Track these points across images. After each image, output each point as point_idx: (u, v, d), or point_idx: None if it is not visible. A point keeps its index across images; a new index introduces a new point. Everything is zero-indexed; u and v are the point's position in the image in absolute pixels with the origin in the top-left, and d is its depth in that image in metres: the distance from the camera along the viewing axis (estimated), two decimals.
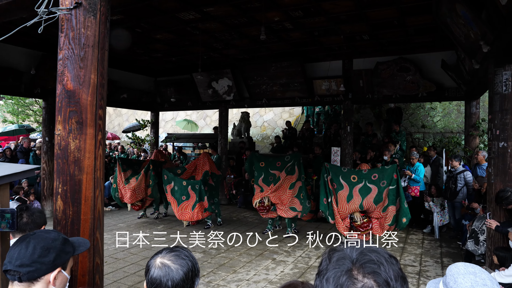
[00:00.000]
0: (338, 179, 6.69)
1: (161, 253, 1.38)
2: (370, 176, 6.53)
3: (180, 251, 1.38)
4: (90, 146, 2.46)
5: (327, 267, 0.94)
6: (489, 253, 4.90)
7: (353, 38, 8.31)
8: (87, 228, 2.44)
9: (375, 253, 0.93)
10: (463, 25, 5.26)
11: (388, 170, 6.52)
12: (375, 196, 6.45)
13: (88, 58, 2.44)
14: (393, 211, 6.44)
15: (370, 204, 6.47)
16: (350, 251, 0.95)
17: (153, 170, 8.77)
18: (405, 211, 6.35)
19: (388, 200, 6.45)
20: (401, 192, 6.39)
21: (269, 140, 16.57)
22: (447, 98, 9.15)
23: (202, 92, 11.55)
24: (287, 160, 7.54)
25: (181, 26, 7.64)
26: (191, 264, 1.36)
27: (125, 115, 22.68)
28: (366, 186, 6.50)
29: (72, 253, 1.51)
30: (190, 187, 7.91)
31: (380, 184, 6.44)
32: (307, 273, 5.59)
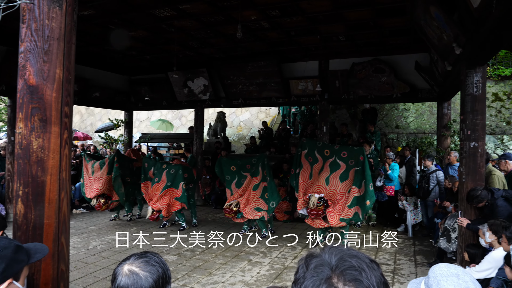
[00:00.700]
0: (314, 153, 6.94)
1: (129, 260, 1.27)
2: (340, 153, 6.71)
3: (149, 256, 1.28)
4: (55, 145, 2.31)
5: (305, 275, 0.87)
6: (460, 250, 5.00)
7: (330, 39, 8.35)
8: (50, 233, 2.28)
9: (356, 258, 0.86)
10: (437, 27, 5.36)
11: (356, 150, 6.68)
12: (341, 172, 6.64)
13: (53, 52, 2.28)
14: (355, 192, 6.51)
15: (336, 179, 6.64)
16: (328, 257, 0.88)
17: (117, 162, 8.48)
18: (370, 194, 6.41)
19: (353, 181, 6.56)
20: (366, 175, 6.43)
21: (245, 140, 16.48)
22: (420, 99, 9.35)
23: (178, 92, 11.35)
24: (254, 162, 7.59)
25: (156, 23, 7.45)
26: (162, 270, 1.26)
27: (98, 115, 22.07)
28: (336, 161, 6.70)
29: (26, 262, 1.37)
30: (166, 171, 7.87)
31: (348, 162, 6.62)
32: (283, 274, 5.54)
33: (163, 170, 7.93)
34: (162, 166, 7.99)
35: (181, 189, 7.81)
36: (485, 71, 5.05)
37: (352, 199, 6.48)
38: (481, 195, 4.54)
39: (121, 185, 8.60)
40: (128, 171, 8.88)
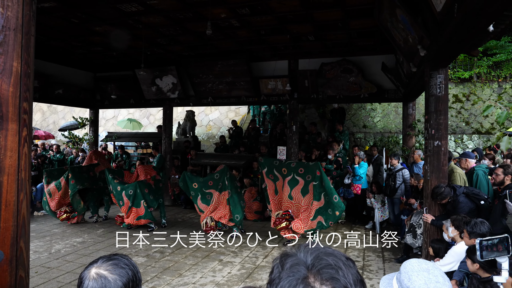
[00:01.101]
0: (273, 171, 7.16)
1: (97, 263, 1.19)
2: (297, 169, 6.91)
3: (119, 259, 1.21)
4: (13, 143, 2.16)
5: (280, 275, 0.84)
6: (425, 246, 5.16)
7: (299, 39, 8.41)
8: (8, 237, 2.13)
9: (332, 256, 0.84)
10: (402, 29, 5.51)
11: (311, 166, 6.85)
12: (301, 187, 6.85)
13: (8, 43, 2.13)
14: (316, 206, 6.71)
15: (298, 195, 6.87)
16: (304, 256, 0.85)
17: (72, 179, 8.21)
18: (336, 204, 6.58)
19: (313, 195, 6.76)
20: (326, 187, 6.61)
21: (214, 140, 16.35)
22: (387, 99, 9.60)
23: (145, 90, 11.08)
24: (216, 178, 7.59)
25: (122, 18, 7.22)
26: (132, 273, 1.19)
27: (61, 113, 21.20)
28: (295, 178, 6.91)
29: None
30: (124, 192, 7.76)
31: (306, 178, 6.81)
32: (254, 273, 5.52)
33: (121, 192, 7.79)
34: (117, 188, 7.82)
35: (142, 207, 7.69)
36: (447, 73, 5.24)
37: (314, 212, 6.69)
38: (445, 192, 4.71)
39: (79, 202, 8.40)
40: (89, 180, 8.58)
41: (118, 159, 11.48)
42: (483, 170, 5.62)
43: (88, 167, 8.87)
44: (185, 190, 7.83)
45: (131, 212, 7.74)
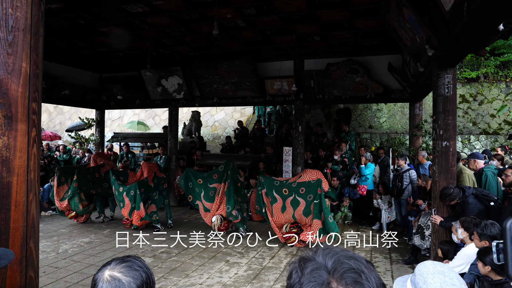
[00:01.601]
0: (272, 193, 6.98)
1: (110, 265, 1.18)
2: (298, 189, 6.81)
3: (132, 261, 1.19)
4: (22, 144, 2.16)
5: (300, 280, 0.81)
6: (434, 247, 5.12)
7: (305, 39, 8.38)
8: (18, 237, 2.13)
9: (353, 259, 0.82)
10: (410, 29, 5.47)
11: (313, 184, 6.76)
12: (303, 208, 6.76)
13: (18, 44, 2.13)
14: (318, 224, 6.70)
15: (300, 216, 6.79)
16: (323, 259, 0.83)
17: (76, 181, 8.21)
18: (331, 226, 6.57)
19: (313, 214, 6.72)
20: (323, 208, 6.63)
21: (220, 140, 16.35)
22: (393, 99, 9.54)
23: (151, 90, 11.10)
24: (221, 170, 7.55)
25: (128, 19, 7.24)
26: (145, 275, 1.18)
27: (68, 113, 21.33)
28: (296, 199, 6.81)
29: None
30: (125, 193, 7.69)
31: (307, 198, 6.73)
32: (261, 274, 5.50)
33: (122, 193, 7.71)
34: (120, 189, 7.74)
35: (142, 209, 7.60)
36: (455, 73, 5.19)
37: (318, 231, 6.65)
38: (453, 193, 4.66)
39: (78, 204, 8.29)
40: (93, 183, 8.57)
41: (124, 159, 11.51)
42: (492, 171, 5.57)
43: (94, 168, 8.90)
44: (185, 189, 7.70)
45: (134, 214, 7.68)
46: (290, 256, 6.40)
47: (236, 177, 7.72)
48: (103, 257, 6.25)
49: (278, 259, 6.21)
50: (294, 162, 9.43)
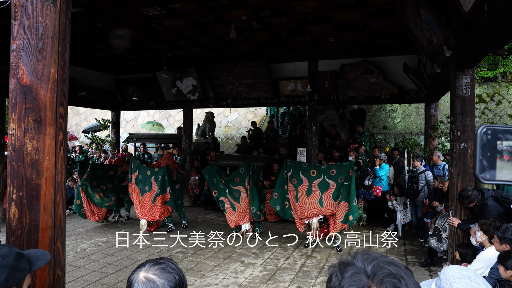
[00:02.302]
0: (298, 175, 6.83)
1: (145, 266, 1.22)
2: (328, 171, 6.67)
3: (166, 263, 1.23)
4: (50, 147, 2.23)
5: (341, 284, 0.84)
6: (451, 250, 5.07)
7: (319, 40, 8.37)
8: (46, 237, 2.21)
9: (393, 265, 0.84)
10: (427, 29, 5.42)
11: (345, 166, 6.63)
12: (333, 191, 6.59)
13: (47, 50, 2.21)
14: (345, 207, 6.56)
15: (329, 200, 6.61)
16: (362, 264, 0.86)
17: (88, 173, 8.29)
18: (353, 209, 6.46)
19: (342, 196, 6.57)
20: (351, 190, 6.48)
21: (233, 141, 16.42)
22: (408, 100, 9.46)
23: (166, 91, 11.23)
24: (242, 173, 7.53)
25: (144, 22, 7.34)
26: (179, 278, 1.21)
27: (83, 114, 21.68)
28: (325, 181, 6.65)
29: (28, 270, 1.31)
30: (153, 177, 7.71)
31: (338, 179, 6.58)
32: (276, 275, 5.53)
33: (150, 177, 7.74)
34: (147, 172, 7.76)
35: (168, 193, 7.69)
36: (473, 74, 5.14)
37: (344, 214, 6.54)
38: (472, 195, 4.61)
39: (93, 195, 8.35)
40: (103, 178, 8.65)
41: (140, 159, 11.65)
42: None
43: (110, 166, 9.04)
44: (210, 183, 7.69)
45: (159, 199, 7.63)
46: (305, 257, 6.40)
47: (257, 177, 7.72)
48: (120, 256, 6.35)
49: (293, 260, 6.23)
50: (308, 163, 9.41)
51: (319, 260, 6.24)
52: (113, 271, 5.66)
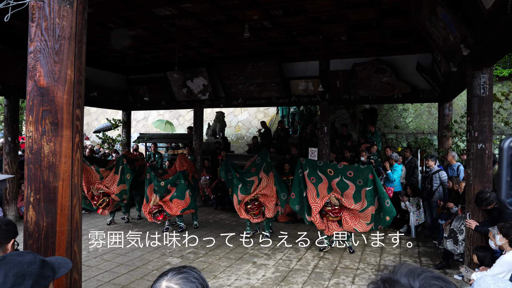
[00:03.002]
0: (316, 173, 6.65)
1: (167, 275, 1.18)
2: (346, 172, 6.52)
3: (188, 272, 1.19)
4: (67, 149, 2.21)
5: None
6: (468, 253, 4.97)
7: (331, 39, 8.29)
8: (63, 240, 2.19)
9: (441, 280, 0.79)
10: (443, 28, 5.32)
11: (363, 170, 6.46)
12: (353, 192, 6.43)
13: (63, 52, 2.19)
14: (372, 211, 6.43)
15: (349, 199, 6.44)
16: (407, 279, 0.80)
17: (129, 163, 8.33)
18: (388, 210, 6.30)
19: (367, 202, 6.39)
20: (379, 191, 6.33)
21: (243, 141, 16.40)
22: (421, 99, 9.32)
23: (177, 91, 11.24)
24: (258, 162, 7.46)
25: (156, 22, 7.34)
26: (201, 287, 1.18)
27: (94, 114, 21.86)
28: (343, 181, 6.50)
29: (52, 278, 1.29)
30: (169, 185, 7.66)
31: (356, 182, 6.43)
32: (289, 276, 5.48)
33: (166, 186, 7.64)
34: (161, 184, 7.64)
35: (188, 197, 7.59)
36: (491, 73, 5.01)
37: (371, 217, 6.39)
38: (490, 197, 4.51)
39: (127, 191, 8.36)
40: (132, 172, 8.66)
41: (151, 159, 11.69)
42: None
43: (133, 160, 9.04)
44: (225, 179, 7.63)
45: (173, 202, 7.55)
46: (318, 258, 6.34)
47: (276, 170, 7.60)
48: (132, 256, 6.37)
49: (306, 262, 6.17)
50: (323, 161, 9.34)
51: (331, 262, 6.17)
52: (126, 271, 5.67)
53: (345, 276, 5.54)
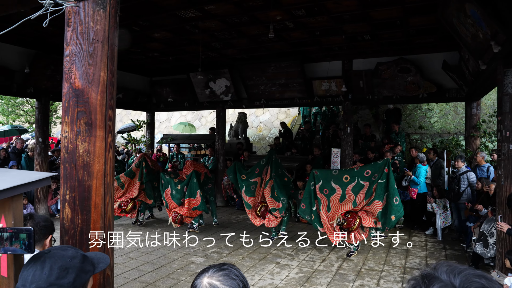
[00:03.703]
0: (329, 184, 6.53)
1: (208, 272, 1.20)
2: (363, 173, 6.39)
3: (229, 269, 1.21)
4: (100, 149, 2.29)
5: None
6: (500, 256, 4.82)
7: (354, 38, 8.21)
8: None
9: (483, 278, 0.77)
10: (472, 25, 5.18)
11: (379, 164, 6.35)
12: (366, 190, 6.32)
13: (97, 54, 2.27)
14: (379, 206, 6.22)
15: (361, 200, 6.34)
16: (448, 276, 0.79)
17: (145, 168, 8.47)
18: (395, 208, 6.08)
19: (375, 194, 6.25)
20: (390, 188, 6.13)
21: (265, 141, 16.42)
22: (448, 99, 9.11)
23: (199, 93, 11.37)
24: (262, 164, 7.42)
25: (180, 24, 7.45)
26: (242, 284, 1.19)
27: (119, 116, 22.35)
28: (359, 183, 6.37)
29: (92, 272, 1.33)
30: (185, 186, 7.72)
31: (372, 178, 6.29)
32: (313, 277, 5.46)
33: (182, 188, 7.71)
34: (177, 186, 7.71)
35: (198, 196, 7.60)
36: None
37: (377, 213, 6.24)
38: None
39: (151, 189, 8.57)
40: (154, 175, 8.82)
41: (173, 159, 11.86)
42: None
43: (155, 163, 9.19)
44: (234, 182, 7.66)
45: (186, 202, 7.62)
46: (341, 259, 6.29)
47: (282, 172, 7.52)
48: (157, 255, 6.48)
49: (329, 263, 6.13)
50: (343, 164, 9.26)
51: (355, 263, 6.11)
52: (151, 269, 5.78)
53: (370, 278, 5.47)
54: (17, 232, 1.35)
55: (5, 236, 1.36)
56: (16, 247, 1.35)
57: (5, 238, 1.36)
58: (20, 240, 1.35)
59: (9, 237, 1.36)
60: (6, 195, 1.41)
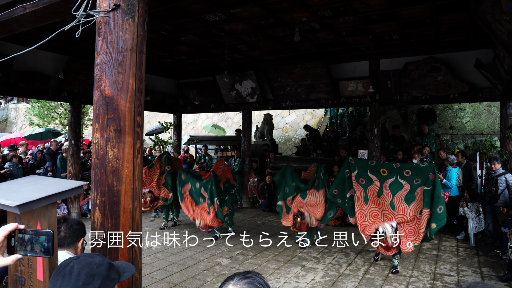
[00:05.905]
0: (366, 174, 6.11)
1: (233, 280, 1.22)
2: (402, 171, 5.87)
3: (253, 277, 1.22)
4: (129, 155, 2.35)
5: None
6: None
7: (382, 38, 8.05)
8: (125, 241, 2.33)
9: None
10: (508, 21, 4.97)
11: (423, 168, 5.79)
12: (406, 193, 5.81)
13: (126, 63, 2.34)
14: (427, 215, 5.73)
15: (401, 203, 5.84)
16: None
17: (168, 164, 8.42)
18: (437, 217, 5.61)
19: (423, 202, 5.73)
20: (436, 195, 5.62)
21: (291, 142, 16.36)
22: (481, 98, 8.77)
23: (225, 94, 11.47)
24: (314, 176, 7.14)
25: (206, 27, 7.55)
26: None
27: (147, 117, 22.86)
28: (398, 181, 5.86)
29: (117, 280, 1.37)
30: (203, 188, 7.54)
31: (413, 181, 5.77)
32: (339, 281, 5.39)
33: (200, 188, 7.57)
34: (196, 185, 7.56)
35: (215, 204, 7.36)
36: None
37: (426, 221, 5.69)
38: None
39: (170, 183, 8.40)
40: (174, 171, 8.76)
41: (201, 160, 12.01)
42: None
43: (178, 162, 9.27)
44: (279, 184, 7.38)
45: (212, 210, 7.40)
46: (368, 264, 6.18)
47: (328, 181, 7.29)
48: (184, 256, 6.58)
49: (356, 267, 6.04)
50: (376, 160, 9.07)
51: (383, 268, 5.99)
52: (178, 270, 5.88)
53: (398, 283, 5.35)
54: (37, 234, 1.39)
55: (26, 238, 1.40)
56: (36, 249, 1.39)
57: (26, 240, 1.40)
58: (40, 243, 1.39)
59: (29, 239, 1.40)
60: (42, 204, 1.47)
